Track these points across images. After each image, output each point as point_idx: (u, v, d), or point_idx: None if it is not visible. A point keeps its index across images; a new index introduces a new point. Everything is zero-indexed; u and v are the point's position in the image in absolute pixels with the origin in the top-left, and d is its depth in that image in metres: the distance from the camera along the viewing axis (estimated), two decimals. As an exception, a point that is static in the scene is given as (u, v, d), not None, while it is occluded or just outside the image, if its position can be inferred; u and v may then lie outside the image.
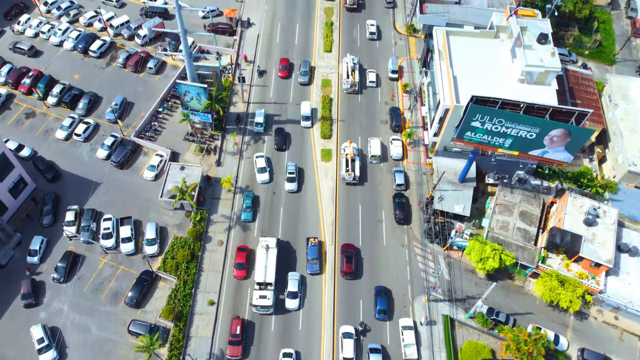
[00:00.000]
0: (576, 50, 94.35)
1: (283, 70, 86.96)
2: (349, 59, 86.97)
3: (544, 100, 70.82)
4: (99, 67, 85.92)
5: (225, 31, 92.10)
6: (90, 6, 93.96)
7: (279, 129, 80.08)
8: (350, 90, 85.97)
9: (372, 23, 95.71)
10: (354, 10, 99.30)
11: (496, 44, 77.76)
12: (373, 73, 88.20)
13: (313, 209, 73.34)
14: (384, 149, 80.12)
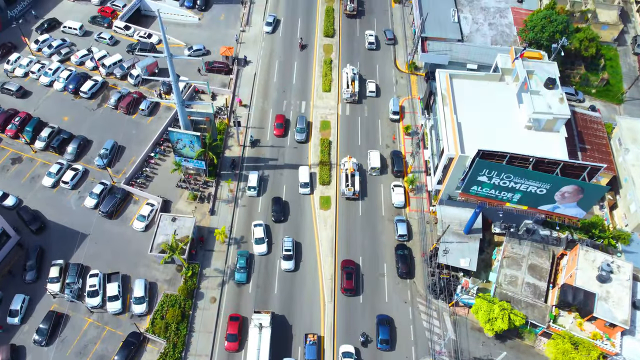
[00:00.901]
0: (583, 89, 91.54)
1: (278, 128, 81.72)
2: (349, 69, 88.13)
3: (553, 150, 67.97)
4: (90, 108, 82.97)
5: (222, 70, 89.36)
6: (83, 44, 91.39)
7: (276, 199, 74.30)
8: (350, 99, 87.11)
9: (371, 33, 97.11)
10: (354, 16, 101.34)
11: (501, 88, 74.86)
12: (373, 83, 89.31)
13: (314, 301, 66.58)
14: (383, 160, 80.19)
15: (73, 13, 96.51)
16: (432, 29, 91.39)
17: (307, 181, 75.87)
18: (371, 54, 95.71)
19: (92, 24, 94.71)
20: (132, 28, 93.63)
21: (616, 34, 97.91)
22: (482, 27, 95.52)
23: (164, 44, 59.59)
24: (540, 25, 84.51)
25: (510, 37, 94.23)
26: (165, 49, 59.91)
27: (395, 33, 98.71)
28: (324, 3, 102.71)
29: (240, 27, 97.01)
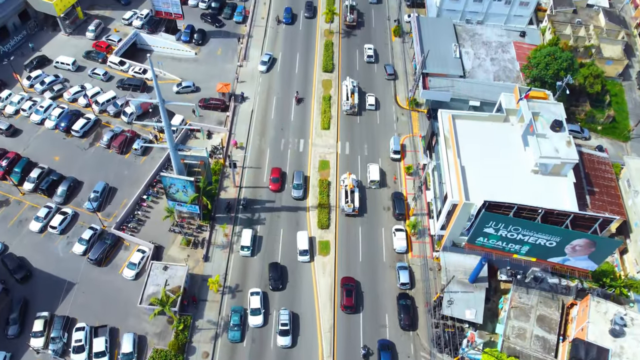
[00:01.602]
0: (588, 126, 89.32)
1: (274, 182, 77.37)
2: (349, 82, 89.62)
3: (561, 196, 65.39)
4: (82, 147, 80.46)
5: (218, 107, 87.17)
6: (76, 79, 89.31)
7: (274, 265, 69.16)
8: (350, 111, 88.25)
9: (370, 47, 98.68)
10: (354, 27, 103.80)
11: (506, 129, 72.51)
12: (372, 97, 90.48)
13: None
14: (382, 174, 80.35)
15: (67, 47, 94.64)
16: (434, 65, 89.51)
17: (306, 248, 70.53)
18: (370, 67, 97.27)
19: (87, 59, 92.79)
20: (127, 63, 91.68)
21: (621, 69, 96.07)
22: (484, 62, 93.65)
23: (156, 90, 57.34)
24: (544, 62, 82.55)
25: (513, 72, 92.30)
26: (156, 94, 57.58)
27: (395, 68, 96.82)
28: (323, 37, 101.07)
29: (237, 62, 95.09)
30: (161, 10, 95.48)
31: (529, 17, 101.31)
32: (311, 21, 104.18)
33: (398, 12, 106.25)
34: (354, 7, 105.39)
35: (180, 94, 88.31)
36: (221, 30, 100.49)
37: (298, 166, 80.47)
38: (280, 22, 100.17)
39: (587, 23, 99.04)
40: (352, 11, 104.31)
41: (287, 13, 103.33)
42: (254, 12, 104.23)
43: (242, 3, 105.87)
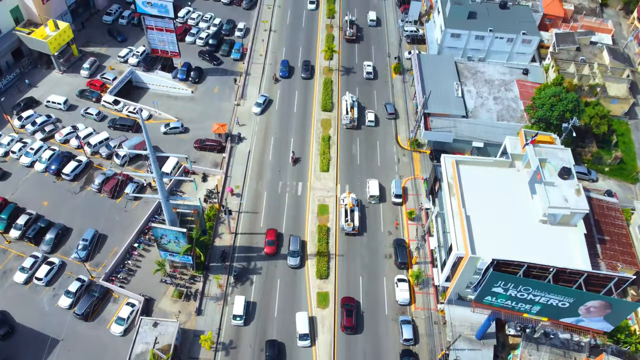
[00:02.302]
0: (595, 168, 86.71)
1: (269, 245, 72.13)
2: (348, 97, 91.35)
3: (571, 248, 62.28)
4: (72, 191, 77.65)
5: (214, 148, 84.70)
6: (69, 119, 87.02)
7: (271, 342, 63.48)
8: (350, 125, 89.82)
9: (369, 64, 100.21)
10: (353, 41, 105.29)
11: (512, 175, 69.75)
12: (372, 113, 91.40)
13: None
14: (382, 189, 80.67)
15: (61, 86, 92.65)
16: (435, 105, 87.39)
17: (306, 332, 64.72)
18: (369, 84, 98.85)
19: (80, 98, 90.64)
20: (122, 102, 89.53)
21: (627, 108, 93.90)
22: (487, 101, 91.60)
23: (148, 146, 54.74)
24: (549, 103, 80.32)
25: (516, 111, 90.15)
26: (148, 149, 54.98)
27: (396, 106, 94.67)
28: (322, 75, 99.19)
29: (234, 101, 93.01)
30: (157, 48, 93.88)
31: (532, 55, 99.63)
32: (309, 56, 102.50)
33: (398, 49, 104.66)
34: (353, 22, 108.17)
35: (168, 135, 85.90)
36: (218, 68, 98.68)
37: (296, 219, 77.20)
38: (277, 80, 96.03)
39: (591, 61, 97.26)
40: (352, 25, 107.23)
41: (284, 66, 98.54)
42: (252, 49, 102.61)
43: (240, 40, 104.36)
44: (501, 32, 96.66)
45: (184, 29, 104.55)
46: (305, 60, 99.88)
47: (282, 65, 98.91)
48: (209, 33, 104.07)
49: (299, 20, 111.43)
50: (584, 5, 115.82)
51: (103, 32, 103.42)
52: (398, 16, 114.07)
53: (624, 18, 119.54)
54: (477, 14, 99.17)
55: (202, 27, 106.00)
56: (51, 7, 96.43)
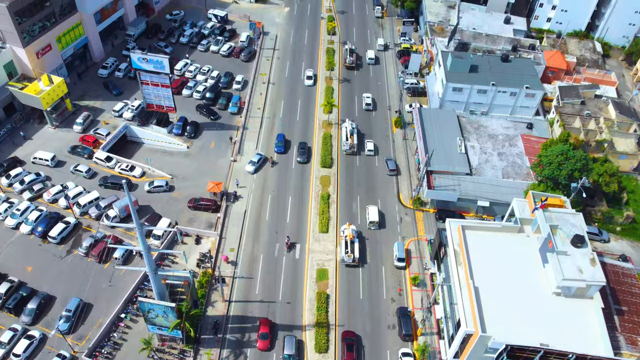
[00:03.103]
0: (607, 227, 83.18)
1: (263, 339, 65.67)
2: (348, 124, 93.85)
3: (588, 325, 58.01)
4: (58, 255, 73.79)
5: (209, 208, 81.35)
6: (59, 177, 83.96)
7: None
8: (350, 151, 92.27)
9: (368, 95, 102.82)
10: (353, 68, 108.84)
11: (522, 241, 66.08)
12: (371, 142, 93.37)
13: None
14: (381, 216, 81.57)
15: (53, 141, 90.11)
16: (438, 162, 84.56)
17: None
18: (368, 114, 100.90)
19: (72, 154, 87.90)
20: (114, 159, 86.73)
21: (636, 163, 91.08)
22: (491, 157, 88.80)
23: (132, 215, 51.29)
24: (557, 162, 77.39)
25: (522, 168, 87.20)
26: (134, 219, 51.55)
27: (397, 162, 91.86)
28: (321, 129, 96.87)
29: (231, 157, 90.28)
30: (152, 103, 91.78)
31: (536, 108, 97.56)
32: (309, 115, 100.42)
33: (399, 103, 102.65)
34: (353, 51, 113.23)
35: (151, 194, 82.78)
36: (215, 122, 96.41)
37: (293, 285, 73.01)
38: (274, 163, 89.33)
39: (596, 115, 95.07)
40: (352, 54, 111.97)
41: (279, 141, 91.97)
42: (249, 102, 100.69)
43: (238, 93, 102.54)
44: (504, 86, 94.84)
45: (181, 82, 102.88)
46: (302, 143, 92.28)
47: (278, 139, 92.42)
48: (206, 86, 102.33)
49: (298, 72, 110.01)
50: (586, 56, 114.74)
51: (98, 85, 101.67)
52: (398, 68, 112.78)
53: (626, 69, 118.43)
54: (479, 67, 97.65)
55: (200, 79, 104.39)
56: (46, 61, 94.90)
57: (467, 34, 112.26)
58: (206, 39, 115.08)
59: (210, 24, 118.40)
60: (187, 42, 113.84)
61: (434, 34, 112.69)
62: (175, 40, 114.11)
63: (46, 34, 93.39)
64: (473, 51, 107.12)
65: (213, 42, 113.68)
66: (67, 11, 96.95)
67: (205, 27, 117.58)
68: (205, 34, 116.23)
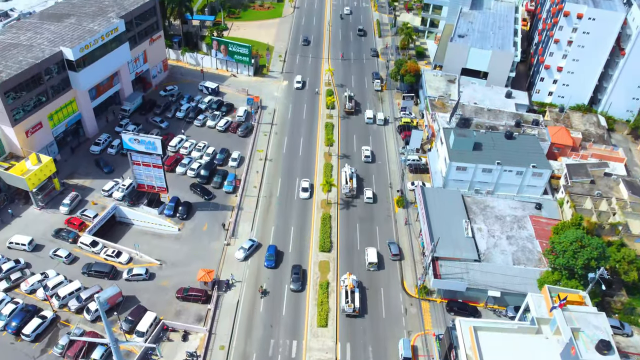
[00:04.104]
0: (628, 319, 76.96)
1: None
2: (347, 169, 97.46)
3: None
4: (31, 356, 67.31)
5: (198, 299, 75.55)
6: (37, 263, 78.51)
7: None
8: (349, 194, 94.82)
9: (367, 148, 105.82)
10: (352, 113, 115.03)
11: (540, 344, 59.79)
12: (370, 190, 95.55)
13: None
14: (380, 257, 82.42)
15: (37, 223, 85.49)
16: (444, 247, 79.62)
17: None
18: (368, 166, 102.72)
19: (56, 238, 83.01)
20: (100, 244, 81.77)
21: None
22: (500, 241, 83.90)
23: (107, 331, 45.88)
24: (571, 250, 72.34)
25: (534, 253, 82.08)
26: (107, 334, 46.03)
27: (400, 245, 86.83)
28: (320, 209, 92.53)
29: (224, 241, 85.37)
30: (144, 183, 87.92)
31: (544, 188, 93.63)
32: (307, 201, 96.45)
33: (401, 182, 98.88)
34: (352, 97, 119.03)
35: (130, 282, 77.31)
36: (209, 202, 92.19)
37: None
38: (265, 293, 77.39)
39: (607, 195, 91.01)
40: (351, 100, 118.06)
41: (270, 254, 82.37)
42: (245, 181, 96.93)
43: (234, 170, 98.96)
44: (510, 164, 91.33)
45: (175, 159, 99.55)
46: (295, 266, 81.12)
47: (268, 252, 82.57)
48: (201, 163, 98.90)
49: (296, 148, 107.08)
50: (590, 131, 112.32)
51: (89, 163, 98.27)
52: (398, 143, 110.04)
53: (633, 143, 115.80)
54: (483, 145, 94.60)
55: (195, 156, 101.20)
56: (36, 139, 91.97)
57: (469, 109, 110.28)
58: (203, 113, 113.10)
59: (207, 99, 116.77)
60: (184, 117, 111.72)
61: (435, 108, 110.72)
62: (171, 115, 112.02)
63: (37, 112, 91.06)
64: (476, 127, 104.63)
65: (210, 117, 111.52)
66: (61, 88, 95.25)
67: (202, 102, 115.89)
68: (202, 108, 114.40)
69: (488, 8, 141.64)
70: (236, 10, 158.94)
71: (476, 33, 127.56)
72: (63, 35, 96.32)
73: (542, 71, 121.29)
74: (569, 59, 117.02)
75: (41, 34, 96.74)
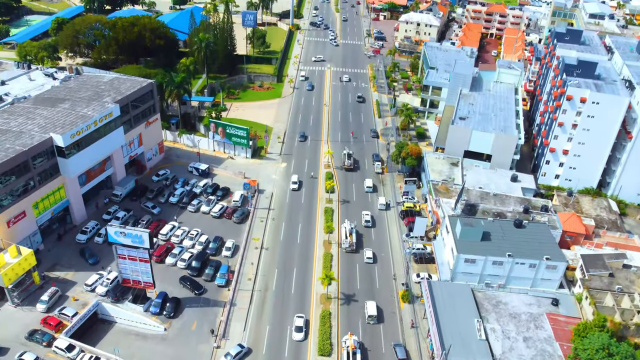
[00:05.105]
0: None
1: None
2: (347, 224, 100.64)
3: None
4: None
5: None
6: (8, 372, 71.08)
7: None
8: (349, 249, 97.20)
9: (367, 213, 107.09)
10: (351, 170, 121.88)
11: None
12: (370, 250, 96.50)
13: None
14: (379, 310, 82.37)
15: (11, 322, 78.34)
16: (456, 352, 72.23)
17: None
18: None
19: (29, 341, 75.60)
20: (77, 348, 74.23)
21: (684, 349, 78.28)
22: (516, 343, 76.52)
23: None
24: (599, 358, 65.10)
25: (554, 358, 74.36)
26: None
27: (407, 347, 79.25)
28: (319, 305, 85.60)
29: (214, 343, 77.92)
30: (129, 278, 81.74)
31: (559, 281, 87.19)
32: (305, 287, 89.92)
33: (406, 276, 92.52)
34: (350, 155, 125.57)
35: None
36: (200, 297, 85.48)
37: None
38: None
39: (629, 290, 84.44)
40: (350, 157, 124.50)
41: None
42: (239, 273, 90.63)
43: (227, 261, 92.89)
44: (521, 257, 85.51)
45: (166, 249, 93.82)
46: None
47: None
48: (192, 253, 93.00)
49: (294, 236, 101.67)
50: (602, 217, 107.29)
51: (74, 253, 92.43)
52: (401, 230, 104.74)
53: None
54: (491, 234, 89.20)
55: (187, 245, 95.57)
56: (18, 230, 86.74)
57: (474, 194, 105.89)
58: (198, 198, 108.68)
59: (202, 182, 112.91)
60: (177, 202, 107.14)
61: (439, 193, 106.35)
62: (164, 200, 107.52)
63: (21, 200, 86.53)
64: (482, 214, 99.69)
65: (204, 201, 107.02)
66: (49, 175, 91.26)
67: (197, 186, 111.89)
68: (197, 192, 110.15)
69: (488, 89, 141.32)
70: (236, 91, 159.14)
71: (477, 115, 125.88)
72: (55, 120, 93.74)
73: (547, 154, 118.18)
74: (575, 142, 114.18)
75: (33, 120, 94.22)
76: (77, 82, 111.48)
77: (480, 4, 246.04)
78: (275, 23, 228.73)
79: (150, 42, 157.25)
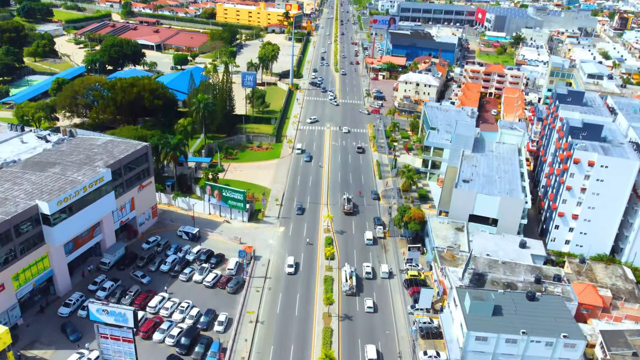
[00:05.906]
0: None
1: None
2: (347, 268, 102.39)
3: None
4: None
5: None
6: None
7: None
8: (349, 292, 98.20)
9: (368, 265, 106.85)
10: (351, 214, 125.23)
11: None
12: (370, 300, 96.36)
13: None
14: (379, 355, 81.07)
15: (-21, 410, 71.39)
16: None
17: None
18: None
19: None
20: None
21: None
22: None
23: None
24: None
25: None
26: None
27: None
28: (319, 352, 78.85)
29: None
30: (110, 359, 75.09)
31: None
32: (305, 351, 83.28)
33: (412, 355, 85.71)
34: (350, 199, 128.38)
35: None
36: (187, 380, 78.63)
37: None
38: None
39: (656, 371, 77.63)
40: (349, 202, 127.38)
41: None
42: (232, 351, 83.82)
43: (218, 338, 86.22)
44: (536, 334, 79.00)
45: (154, 323, 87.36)
46: None
47: None
48: (182, 328, 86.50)
49: (292, 307, 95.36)
50: (618, 286, 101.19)
51: (55, 328, 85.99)
52: (406, 300, 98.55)
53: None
54: (503, 308, 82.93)
55: (176, 319, 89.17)
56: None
57: (482, 262, 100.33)
58: (190, 266, 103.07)
59: (196, 249, 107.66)
60: (169, 270, 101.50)
61: (444, 262, 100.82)
62: (155, 268, 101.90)
63: (1, 272, 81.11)
64: (491, 284, 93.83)
65: (197, 270, 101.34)
66: (32, 244, 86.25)
67: (190, 252, 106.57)
68: (190, 260, 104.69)
69: (490, 150, 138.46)
70: (234, 151, 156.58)
71: (481, 177, 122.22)
72: (42, 186, 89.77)
73: (556, 218, 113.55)
74: (584, 207, 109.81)
75: (20, 185, 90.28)
76: (69, 145, 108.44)
77: (478, 64, 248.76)
78: (275, 83, 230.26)
79: (149, 102, 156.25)
